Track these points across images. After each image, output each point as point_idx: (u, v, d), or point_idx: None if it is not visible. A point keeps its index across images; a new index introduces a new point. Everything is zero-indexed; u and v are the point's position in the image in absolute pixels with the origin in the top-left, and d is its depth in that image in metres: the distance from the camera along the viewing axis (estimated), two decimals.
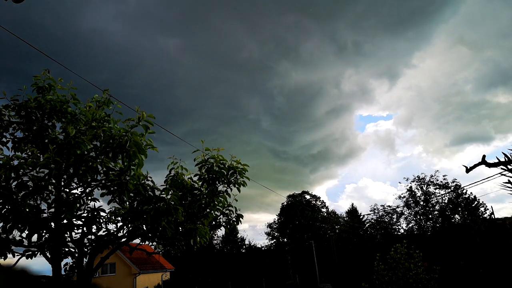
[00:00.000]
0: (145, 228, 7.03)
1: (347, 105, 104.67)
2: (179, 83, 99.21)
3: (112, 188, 6.69)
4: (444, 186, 41.56)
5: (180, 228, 7.42)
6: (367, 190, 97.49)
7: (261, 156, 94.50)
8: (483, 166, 3.91)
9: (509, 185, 3.50)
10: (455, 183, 41.24)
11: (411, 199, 42.91)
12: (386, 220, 46.09)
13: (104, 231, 7.40)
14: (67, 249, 6.97)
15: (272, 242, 58.39)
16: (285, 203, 57.86)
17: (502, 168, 3.59)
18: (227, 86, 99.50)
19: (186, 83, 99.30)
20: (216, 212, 7.88)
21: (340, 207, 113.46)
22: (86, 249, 7.31)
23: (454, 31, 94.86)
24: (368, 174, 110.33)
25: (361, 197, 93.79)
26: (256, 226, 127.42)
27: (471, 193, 40.50)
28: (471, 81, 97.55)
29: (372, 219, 48.30)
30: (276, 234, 58.48)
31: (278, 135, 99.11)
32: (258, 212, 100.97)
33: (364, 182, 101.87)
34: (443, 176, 42.67)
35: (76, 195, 6.91)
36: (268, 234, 59.27)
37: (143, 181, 6.79)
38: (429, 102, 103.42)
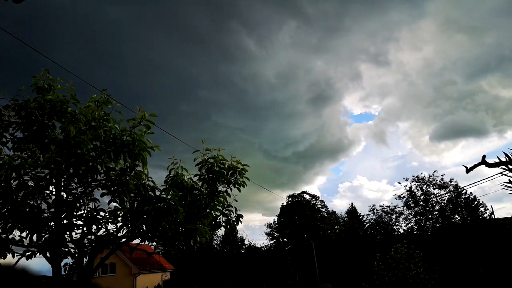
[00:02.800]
0: (145, 228, 7.03)
1: (331, 96, 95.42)
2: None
3: (112, 188, 6.69)
4: (443, 186, 41.61)
5: (180, 228, 7.42)
6: (361, 188, 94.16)
7: (243, 153, 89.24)
8: (480, 165, 3.90)
9: (509, 185, 3.50)
10: (453, 182, 41.31)
11: (411, 199, 42.96)
12: (385, 220, 46.13)
13: (104, 231, 7.41)
14: (67, 249, 6.97)
15: (272, 242, 58.45)
16: (284, 203, 58.01)
17: (502, 168, 3.59)
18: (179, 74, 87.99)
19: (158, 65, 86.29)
20: (216, 212, 7.89)
21: (335, 206, 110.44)
22: (86, 249, 7.31)
23: (443, 11, 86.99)
24: (361, 171, 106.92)
25: (356, 196, 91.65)
26: (248, 224, 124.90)
27: (470, 193, 40.55)
28: (463, 67, 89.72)
29: (371, 219, 48.37)
30: (276, 234, 58.53)
31: (256, 131, 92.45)
32: (249, 211, 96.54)
33: (358, 180, 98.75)
34: (441, 175, 42.72)
35: (76, 195, 6.92)
36: (268, 234, 59.36)
37: (143, 181, 6.80)
38: (420, 90, 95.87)
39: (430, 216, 42.04)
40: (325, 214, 56.84)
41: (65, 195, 6.72)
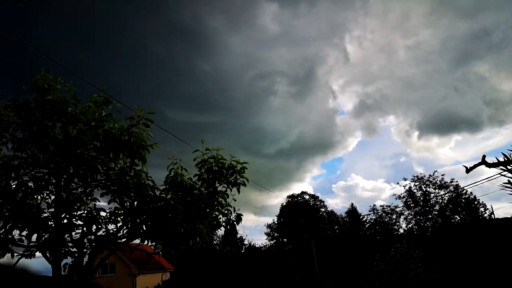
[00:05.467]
0: (145, 228, 7.04)
1: (315, 85, 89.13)
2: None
3: (112, 188, 6.70)
4: (443, 186, 41.64)
5: (180, 228, 7.42)
6: (357, 187, 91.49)
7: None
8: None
9: (508, 185, 3.50)
10: (453, 182, 41.32)
11: (410, 200, 42.99)
12: (385, 220, 46.16)
13: (104, 231, 7.40)
14: (67, 249, 6.97)
15: (272, 242, 58.51)
16: (284, 204, 58.12)
17: (501, 169, 3.59)
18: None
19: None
20: (215, 212, 7.88)
21: (331, 205, 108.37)
22: (86, 249, 7.30)
23: None
24: (356, 170, 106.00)
25: (351, 195, 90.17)
26: (241, 224, 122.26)
27: (470, 193, 40.55)
28: (453, 52, 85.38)
29: (371, 219, 48.41)
30: (276, 234, 58.59)
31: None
32: (241, 211, 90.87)
33: (353, 179, 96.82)
34: (442, 175, 42.72)
35: (76, 195, 6.92)
36: (267, 234, 59.42)
37: (143, 181, 6.80)
38: (409, 78, 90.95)
39: (430, 216, 42.06)
40: (324, 214, 56.87)
41: (65, 195, 6.71)
